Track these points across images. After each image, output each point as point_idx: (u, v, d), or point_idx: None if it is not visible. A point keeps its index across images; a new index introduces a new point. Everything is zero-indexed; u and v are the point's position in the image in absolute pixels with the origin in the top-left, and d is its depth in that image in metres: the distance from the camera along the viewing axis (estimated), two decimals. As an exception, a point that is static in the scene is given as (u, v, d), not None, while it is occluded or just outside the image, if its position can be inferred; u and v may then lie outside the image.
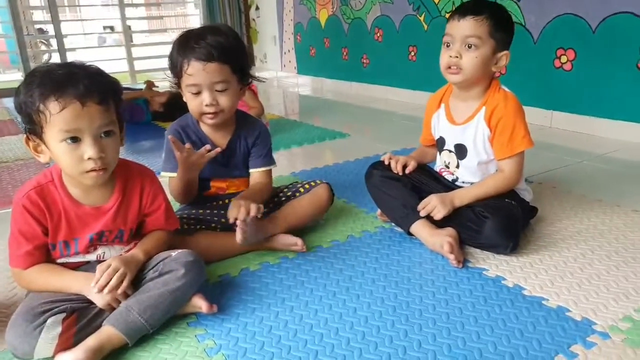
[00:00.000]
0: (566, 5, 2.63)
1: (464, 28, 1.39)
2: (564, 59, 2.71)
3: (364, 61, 4.17)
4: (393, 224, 1.60)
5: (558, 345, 1.02)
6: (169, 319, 1.13)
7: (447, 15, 3.25)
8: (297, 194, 1.59)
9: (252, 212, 1.31)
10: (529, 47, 2.81)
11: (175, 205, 1.57)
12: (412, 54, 3.67)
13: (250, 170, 1.54)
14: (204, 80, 1.36)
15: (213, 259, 1.41)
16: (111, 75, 1.11)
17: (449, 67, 1.42)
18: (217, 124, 1.46)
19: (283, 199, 1.59)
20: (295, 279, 1.31)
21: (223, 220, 1.47)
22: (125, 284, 1.08)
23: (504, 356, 0.99)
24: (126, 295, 1.09)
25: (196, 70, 1.35)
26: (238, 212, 1.31)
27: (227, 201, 1.53)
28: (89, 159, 1.02)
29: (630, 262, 1.33)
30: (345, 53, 4.37)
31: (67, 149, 1.01)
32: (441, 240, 1.36)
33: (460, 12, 1.41)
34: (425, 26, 3.51)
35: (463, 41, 1.39)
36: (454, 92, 1.53)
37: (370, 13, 3.97)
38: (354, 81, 4.32)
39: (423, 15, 3.51)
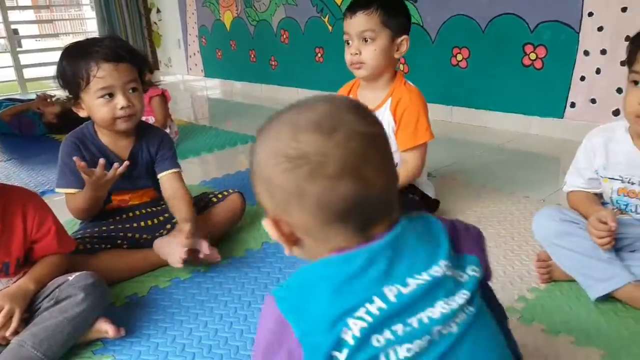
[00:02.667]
0: (458, 7, 2.79)
1: (357, 24, 1.44)
2: (459, 57, 2.88)
3: (272, 63, 4.17)
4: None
5: (462, 331, 1.08)
6: (71, 348, 1.06)
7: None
8: (210, 204, 1.56)
9: (204, 250, 1.31)
10: (427, 46, 2.96)
11: (72, 225, 1.49)
12: (319, 55, 3.73)
13: (160, 175, 1.48)
14: (117, 81, 1.31)
15: (120, 278, 1.35)
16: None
17: (353, 64, 1.48)
18: (129, 129, 1.40)
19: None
20: (208, 292, 1.29)
21: (129, 234, 1.42)
22: (14, 323, 1.00)
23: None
24: (17, 332, 1.00)
25: (108, 72, 1.29)
26: (187, 243, 1.28)
27: (131, 214, 1.47)
28: None
29: (524, 246, 1.44)
30: (252, 55, 4.35)
31: None
32: None
33: (351, 9, 1.46)
34: (330, 27, 3.57)
35: (359, 36, 1.45)
36: (362, 84, 1.58)
37: (275, 15, 3.97)
38: (264, 83, 4.30)
39: (327, 17, 3.56)
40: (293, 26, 3.86)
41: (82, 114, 1.37)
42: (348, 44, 1.49)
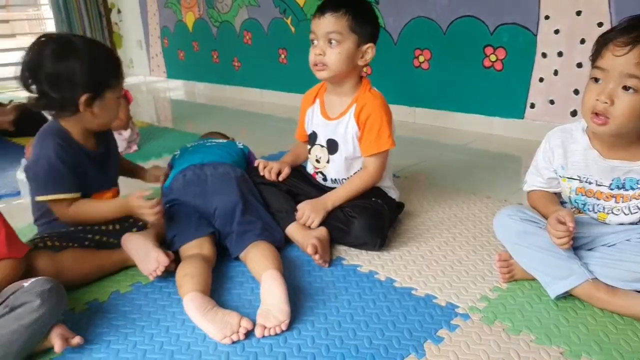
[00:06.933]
0: (419, 9, 2.82)
1: (324, 25, 1.41)
2: (421, 58, 2.91)
3: (235, 64, 4.13)
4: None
5: (426, 332, 1.09)
6: (28, 357, 1.02)
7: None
8: None
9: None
10: (390, 48, 2.98)
11: (28, 233, 1.43)
12: (283, 56, 3.71)
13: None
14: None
15: (84, 277, 1.31)
16: None
17: (316, 65, 1.45)
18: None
19: None
20: (170, 297, 1.25)
21: (97, 237, 1.37)
22: None
23: (378, 349, 1.04)
24: None
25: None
26: (166, 261, 1.27)
27: None
28: None
29: (486, 245, 1.47)
30: (215, 56, 4.29)
31: None
32: (307, 243, 1.37)
33: (320, 9, 1.43)
34: (293, 29, 3.56)
35: (325, 38, 1.42)
36: (328, 88, 1.57)
37: (238, 16, 3.94)
38: (227, 84, 4.26)
39: (290, 18, 3.55)
40: (256, 27, 3.83)
41: (89, 115, 1.32)
42: (313, 43, 1.46)
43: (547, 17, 2.38)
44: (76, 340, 1.04)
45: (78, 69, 1.26)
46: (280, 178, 1.57)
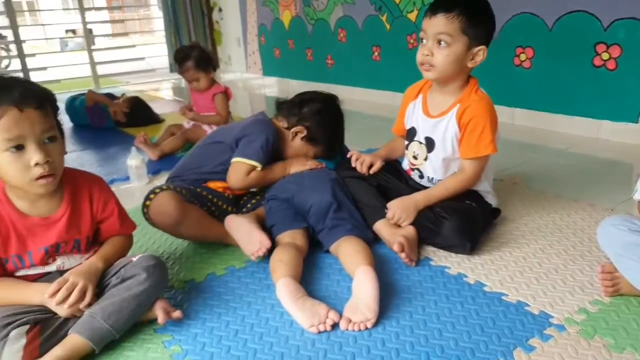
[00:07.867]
0: (523, 4, 2.69)
1: (435, 25, 1.36)
2: (523, 57, 2.78)
3: (329, 62, 4.19)
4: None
5: (517, 339, 1.05)
6: (135, 325, 1.12)
7: (409, 15, 3.32)
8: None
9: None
10: (490, 45, 2.87)
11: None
12: (376, 54, 3.71)
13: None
14: None
15: (193, 236, 1.50)
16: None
17: (422, 64, 1.42)
18: None
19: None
20: (261, 282, 1.31)
21: (212, 208, 1.54)
22: (88, 298, 1.06)
23: (464, 351, 1.02)
24: (90, 305, 1.07)
25: None
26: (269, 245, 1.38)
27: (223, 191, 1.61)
28: (36, 164, 1.01)
29: (587, 256, 1.38)
30: (309, 54, 4.38)
31: (11, 158, 1.00)
32: (394, 240, 1.36)
33: (433, 8, 1.38)
34: (388, 26, 3.55)
35: (434, 38, 1.37)
36: (433, 86, 1.53)
37: (333, 14, 3.99)
38: (320, 82, 4.32)
39: (385, 15, 3.54)
40: (351, 25, 3.85)
41: (289, 137, 1.68)
42: (422, 42, 1.42)
43: (671, 11, 2.17)
44: (176, 314, 1.13)
45: (310, 116, 1.66)
46: (372, 171, 1.57)
